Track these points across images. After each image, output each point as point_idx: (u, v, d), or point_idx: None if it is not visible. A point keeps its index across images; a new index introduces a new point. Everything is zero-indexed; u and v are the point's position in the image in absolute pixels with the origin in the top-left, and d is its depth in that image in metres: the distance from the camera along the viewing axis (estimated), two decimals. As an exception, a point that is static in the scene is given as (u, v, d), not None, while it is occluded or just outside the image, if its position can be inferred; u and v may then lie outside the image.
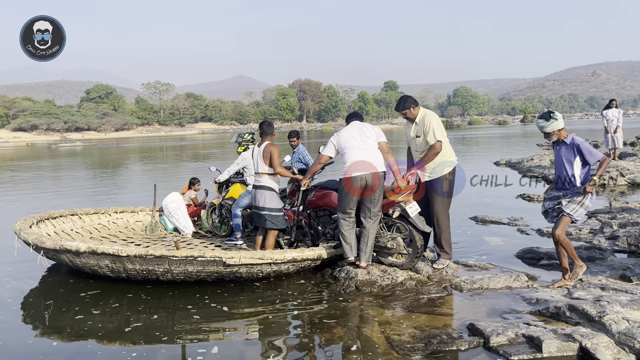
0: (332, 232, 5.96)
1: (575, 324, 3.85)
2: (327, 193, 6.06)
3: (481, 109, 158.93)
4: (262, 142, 5.95)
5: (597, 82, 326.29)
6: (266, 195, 5.78)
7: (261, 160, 5.83)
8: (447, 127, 66.73)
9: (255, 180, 5.93)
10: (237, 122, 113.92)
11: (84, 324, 4.54)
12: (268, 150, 5.78)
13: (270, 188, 5.81)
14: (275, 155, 5.75)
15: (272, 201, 5.79)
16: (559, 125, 4.61)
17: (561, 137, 4.68)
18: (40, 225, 6.94)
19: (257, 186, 5.88)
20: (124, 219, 8.17)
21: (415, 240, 5.31)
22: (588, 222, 7.58)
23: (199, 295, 5.17)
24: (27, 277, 5.98)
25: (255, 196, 5.86)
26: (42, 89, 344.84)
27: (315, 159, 5.91)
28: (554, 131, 4.64)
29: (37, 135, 79.27)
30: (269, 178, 5.83)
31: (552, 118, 4.58)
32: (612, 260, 5.49)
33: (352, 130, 5.41)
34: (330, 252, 5.54)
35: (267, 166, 5.80)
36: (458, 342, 3.75)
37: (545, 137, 4.74)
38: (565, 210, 4.62)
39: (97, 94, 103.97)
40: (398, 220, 5.40)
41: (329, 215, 6.11)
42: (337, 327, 4.25)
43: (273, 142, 5.95)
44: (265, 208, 5.76)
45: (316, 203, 6.14)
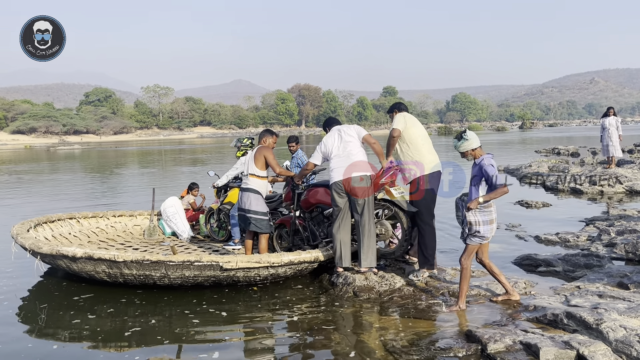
0: (327, 231, 6.05)
1: (572, 331, 3.84)
2: (318, 190, 6.16)
3: (480, 115, 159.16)
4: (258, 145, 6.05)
5: (595, 89, 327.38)
6: (252, 198, 5.82)
7: (252, 162, 5.90)
8: (445, 133, 66.57)
9: (244, 182, 5.98)
10: (236, 126, 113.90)
11: (83, 328, 4.52)
12: (261, 153, 5.84)
13: (257, 191, 5.87)
14: (271, 157, 5.83)
15: (258, 205, 5.84)
16: (472, 145, 4.54)
17: (476, 156, 4.60)
18: (38, 229, 6.92)
19: (244, 188, 5.92)
20: (122, 223, 8.15)
21: (403, 222, 5.40)
22: (586, 229, 7.59)
23: (196, 301, 5.15)
24: (24, 281, 5.96)
25: (242, 198, 5.91)
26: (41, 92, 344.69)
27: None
28: (467, 151, 4.59)
29: (36, 138, 79.10)
30: (257, 180, 5.88)
31: (463, 138, 4.54)
32: (609, 268, 5.49)
33: (333, 136, 5.55)
34: (327, 254, 5.54)
35: (257, 168, 5.85)
36: (455, 348, 3.74)
37: (462, 156, 4.69)
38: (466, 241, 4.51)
39: (96, 97, 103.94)
40: (383, 202, 5.53)
41: (321, 213, 6.17)
42: (335, 333, 4.24)
43: (267, 146, 6.01)
44: (250, 211, 5.81)
45: (308, 201, 6.21)
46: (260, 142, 6.06)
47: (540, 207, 9.87)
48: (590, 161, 17.52)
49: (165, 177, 19.26)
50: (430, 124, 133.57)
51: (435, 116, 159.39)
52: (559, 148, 25.24)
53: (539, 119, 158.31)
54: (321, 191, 6.11)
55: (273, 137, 6.17)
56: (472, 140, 4.53)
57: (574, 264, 5.76)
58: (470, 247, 4.48)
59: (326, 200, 6.01)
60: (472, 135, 4.54)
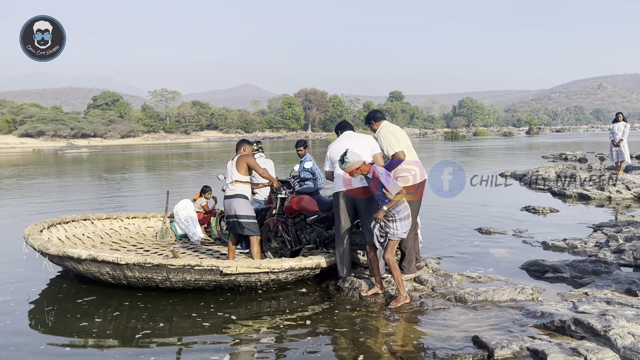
0: (308, 237, 6.17)
1: (580, 338, 3.82)
2: (301, 197, 6.30)
3: (486, 120, 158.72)
4: (236, 155, 6.19)
5: (603, 94, 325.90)
6: (241, 204, 5.95)
7: (234, 169, 6.02)
8: (451, 138, 66.51)
9: (230, 190, 6.06)
10: (242, 130, 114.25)
11: (93, 330, 4.55)
12: (243, 160, 6.01)
13: (244, 196, 6.00)
14: (253, 162, 6.01)
15: (247, 209, 5.98)
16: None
17: (364, 171, 4.85)
18: (52, 229, 7.00)
19: (230, 195, 6.01)
20: (135, 225, 8.22)
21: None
22: (593, 235, 7.56)
23: (203, 304, 5.18)
24: (33, 282, 6.01)
25: (231, 205, 6.00)
26: (50, 95, 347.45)
27: (322, 169, 6.17)
28: (352, 170, 4.82)
29: (44, 142, 79.67)
30: (243, 186, 6.01)
31: (345, 160, 4.79)
32: (617, 274, 5.46)
33: (340, 144, 5.43)
34: (329, 260, 5.56)
35: (240, 174, 5.99)
36: (462, 354, 3.73)
37: (350, 175, 4.95)
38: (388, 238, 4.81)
39: (103, 101, 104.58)
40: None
41: (304, 220, 6.28)
42: (341, 338, 4.24)
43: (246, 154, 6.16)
44: (242, 216, 5.93)
45: (292, 208, 6.33)
46: (239, 152, 6.21)
47: (548, 212, 9.83)
48: (598, 167, 17.43)
49: (175, 181, 19.32)
50: (436, 128, 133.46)
51: (442, 121, 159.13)
52: (566, 153, 25.12)
53: (546, 124, 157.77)
54: (306, 199, 6.27)
55: (250, 146, 6.39)
56: (353, 159, 4.80)
57: (581, 270, 5.73)
58: (392, 243, 4.80)
59: (310, 207, 6.17)
60: (352, 156, 4.81)
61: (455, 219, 9.42)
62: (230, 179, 6.07)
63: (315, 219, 6.13)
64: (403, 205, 4.77)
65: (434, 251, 6.94)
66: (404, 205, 4.77)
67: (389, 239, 4.79)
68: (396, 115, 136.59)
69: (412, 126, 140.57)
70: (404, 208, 4.77)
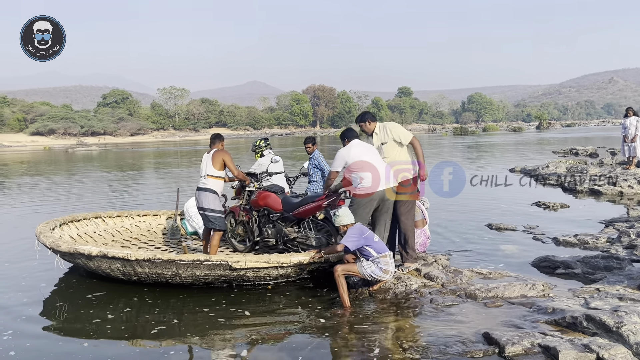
0: (269, 232, 6.42)
1: (592, 334, 3.80)
2: (268, 194, 6.50)
3: (496, 115, 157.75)
4: (212, 149, 6.20)
5: (614, 89, 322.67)
6: (210, 197, 6.04)
7: (210, 164, 6.08)
8: (460, 134, 66.41)
9: (201, 182, 6.12)
10: (251, 127, 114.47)
11: (107, 325, 4.59)
12: (220, 156, 6.06)
13: (214, 191, 6.07)
14: (229, 160, 6.07)
15: (215, 203, 6.06)
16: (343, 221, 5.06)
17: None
18: (63, 227, 7.07)
19: (201, 188, 6.08)
20: (146, 222, 8.28)
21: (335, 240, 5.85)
22: (605, 231, 7.50)
23: (215, 299, 5.21)
24: (45, 279, 6.08)
25: (199, 197, 6.08)
26: (60, 94, 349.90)
27: (330, 165, 6.35)
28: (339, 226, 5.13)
29: (55, 140, 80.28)
30: (214, 181, 6.08)
31: (336, 214, 5.12)
32: (630, 270, 5.41)
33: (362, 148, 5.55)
34: (338, 256, 5.56)
35: (215, 169, 6.04)
36: (473, 350, 3.73)
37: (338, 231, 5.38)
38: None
39: (113, 99, 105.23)
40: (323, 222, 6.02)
41: (267, 216, 6.48)
42: (352, 334, 4.25)
43: (223, 149, 6.20)
44: (207, 209, 6.02)
45: (257, 203, 6.55)
46: (214, 146, 6.22)
47: (559, 208, 9.76)
48: (610, 162, 17.26)
49: (185, 178, 19.41)
50: (445, 124, 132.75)
51: (451, 117, 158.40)
52: (577, 148, 24.90)
53: (556, 119, 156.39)
54: (272, 197, 6.47)
55: (223, 140, 6.36)
56: (342, 217, 5.06)
57: (593, 266, 5.69)
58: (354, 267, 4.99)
59: (274, 205, 6.39)
60: (343, 212, 5.09)
61: (465, 214, 9.39)
62: (203, 172, 6.13)
63: (278, 217, 6.35)
64: (390, 260, 5.01)
65: (444, 247, 6.92)
66: (391, 260, 5.02)
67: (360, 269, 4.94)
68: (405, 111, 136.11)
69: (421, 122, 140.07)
70: (389, 264, 4.98)
